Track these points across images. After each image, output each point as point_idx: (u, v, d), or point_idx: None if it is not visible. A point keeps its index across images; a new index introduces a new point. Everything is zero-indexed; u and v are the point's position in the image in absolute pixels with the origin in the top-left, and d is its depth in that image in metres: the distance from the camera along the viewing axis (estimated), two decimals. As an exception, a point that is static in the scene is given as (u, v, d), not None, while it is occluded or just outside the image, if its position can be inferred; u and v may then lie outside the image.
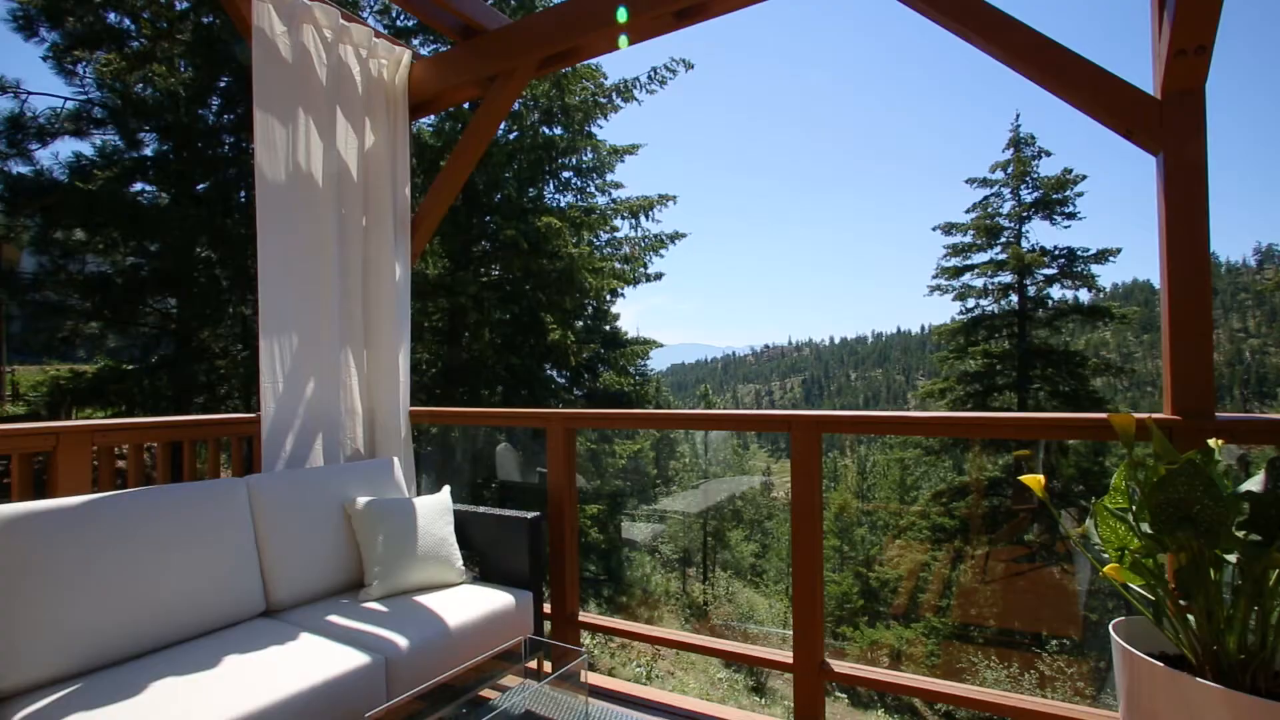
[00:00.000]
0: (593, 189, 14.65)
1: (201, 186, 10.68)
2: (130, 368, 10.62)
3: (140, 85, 10.24)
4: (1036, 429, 3.18)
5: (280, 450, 2.99)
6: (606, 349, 14.78)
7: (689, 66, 13.92)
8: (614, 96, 13.79)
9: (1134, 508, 1.62)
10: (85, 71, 10.02)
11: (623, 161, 14.87)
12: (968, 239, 20.24)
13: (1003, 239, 19.70)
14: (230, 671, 1.97)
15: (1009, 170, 19.82)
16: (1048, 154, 19.75)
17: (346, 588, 2.74)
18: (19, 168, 9.67)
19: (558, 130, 13.72)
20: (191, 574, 2.25)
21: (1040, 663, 13.41)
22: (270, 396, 2.96)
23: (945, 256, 20.62)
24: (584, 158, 14.21)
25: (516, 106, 12.37)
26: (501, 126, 12.13)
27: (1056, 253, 18.92)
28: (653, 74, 13.65)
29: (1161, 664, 1.49)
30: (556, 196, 14.53)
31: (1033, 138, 19.85)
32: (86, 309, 10.34)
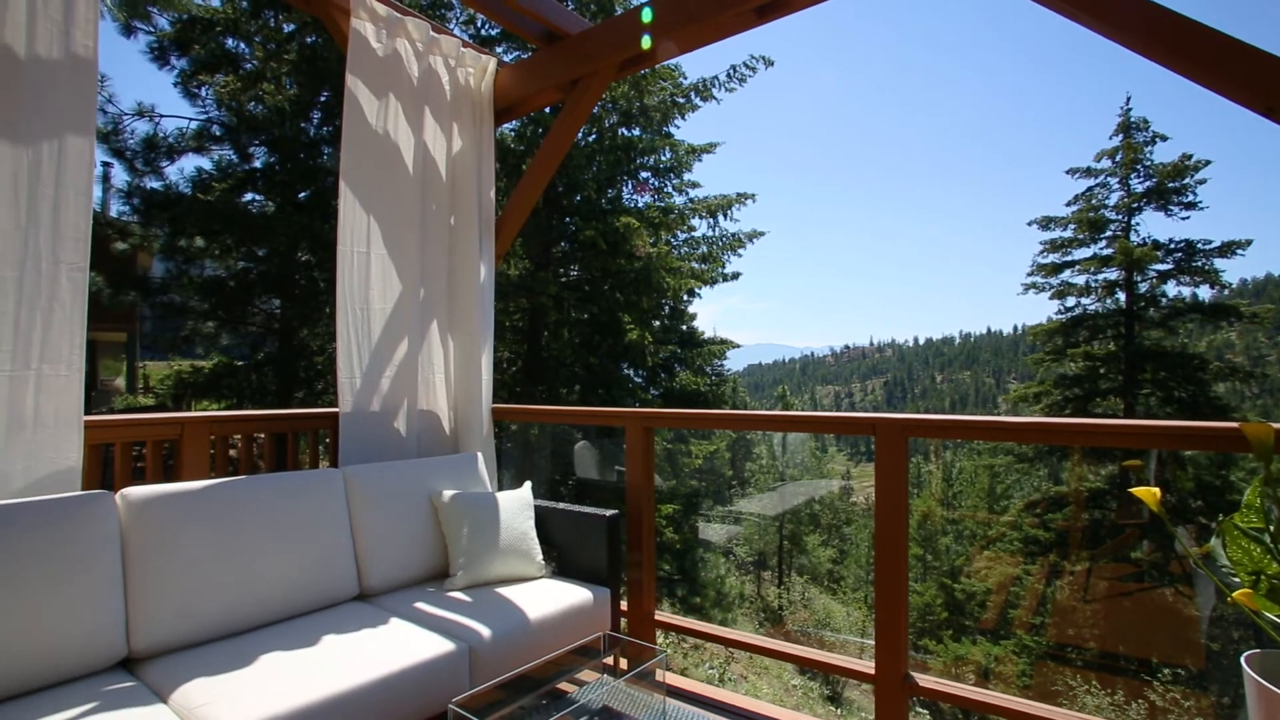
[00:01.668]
0: (670, 189, 14.66)
1: (303, 195, 11.42)
2: (240, 364, 11.50)
3: (252, 103, 11.06)
4: (1152, 438, 2.92)
5: (359, 443, 3.10)
6: (683, 349, 14.76)
7: (769, 63, 13.69)
8: (692, 96, 13.74)
9: (1272, 528, 1.46)
10: (206, 93, 10.93)
11: (700, 161, 14.79)
12: (1068, 233, 18.88)
13: (1108, 232, 18.27)
14: (329, 650, 2.09)
15: (1117, 158, 18.31)
16: (1163, 138, 18.13)
17: (432, 576, 2.85)
18: (152, 183, 10.68)
19: (636, 131, 13.81)
20: (295, 557, 2.41)
21: (1151, 692, 12.35)
22: (348, 391, 3.08)
23: (1042, 252, 19.34)
24: (662, 158, 14.23)
25: (596, 109, 12.55)
26: (581, 129, 12.32)
27: (1172, 246, 17.35)
28: (732, 72, 13.51)
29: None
30: (634, 197, 14.64)
31: (1145, 122, 18.25)
32: (204, 310, 11.28)
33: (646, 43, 3.06)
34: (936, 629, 18.10)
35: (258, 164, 11.42)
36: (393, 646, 2.11)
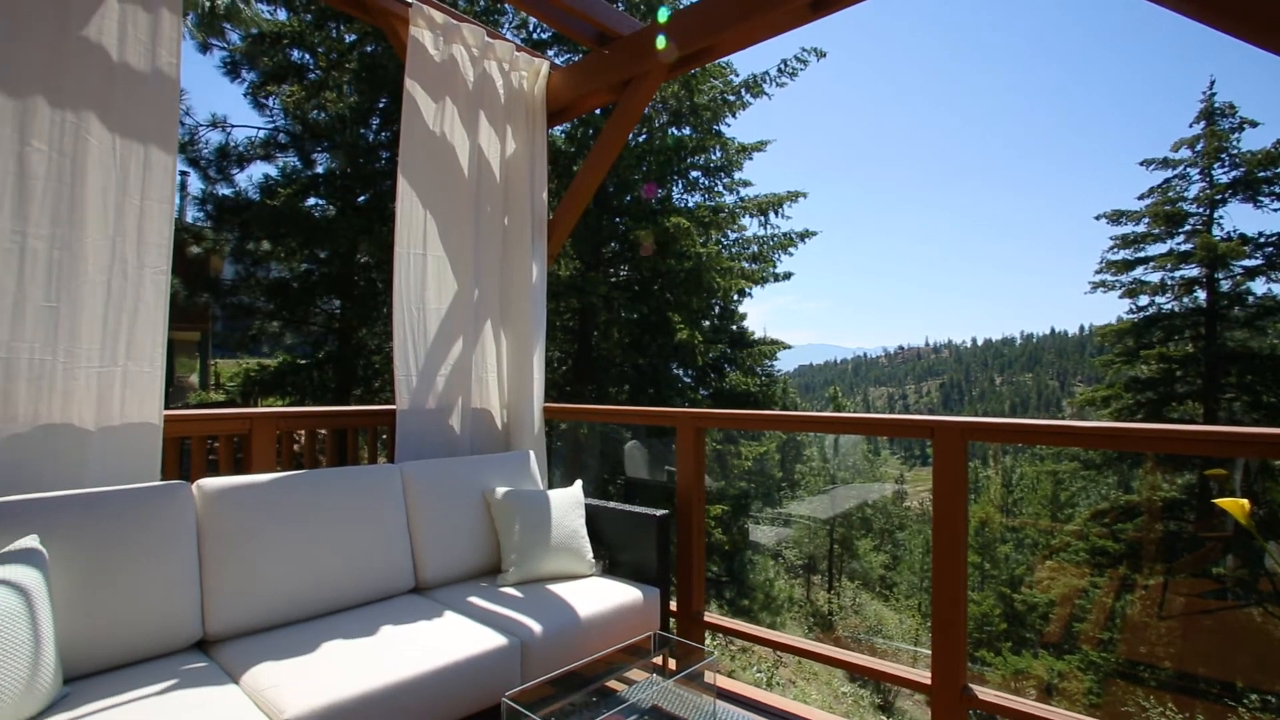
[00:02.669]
0: (721, 188, 14.57)
1: (362, 198, 11.82)
2: (303, 362, 11.99)
3: (315, 111, 11.52)
4: (1239, 445, 2.72)
5: (415, 440, 3.19)
6: (733, 349, 14.65)
7: (821, 55, 13.45)
8: (743, 93, 13.61)
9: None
10: (273, 103, 11.45)
11: (751, 159, 14.65)
12: (1141, 228, 17.86)
13: (1187, 226, 17.20)
14: (387, 640, 2.15)
15: (1198, 147, 17.20)
16: (1252, 124, 16.96)
17: (484, 572, 2.90)
18: (224, 190, 11.26)
19: (686, 130, 13.77)
20: (355, 549, 2.49)
21: (1235, 718, 11.60)
22: (405, 389, 3.16)
23: (1112, 249, 18.36)
24: (712, 157, 14.15)
25: (646, 109, 12.58)
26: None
27: (1263, 240, 16.17)
28: (783, 66, 13.33)
29: None
30: (685, 196, 14.59)
31: (1232, 107, 17.07)
32: (270, 310, 11.83)
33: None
34: (994, 640, 17.44)
35: (320, 170, 11.89)
36: (447, 639, 2.16)
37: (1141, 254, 17.84)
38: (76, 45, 2.16)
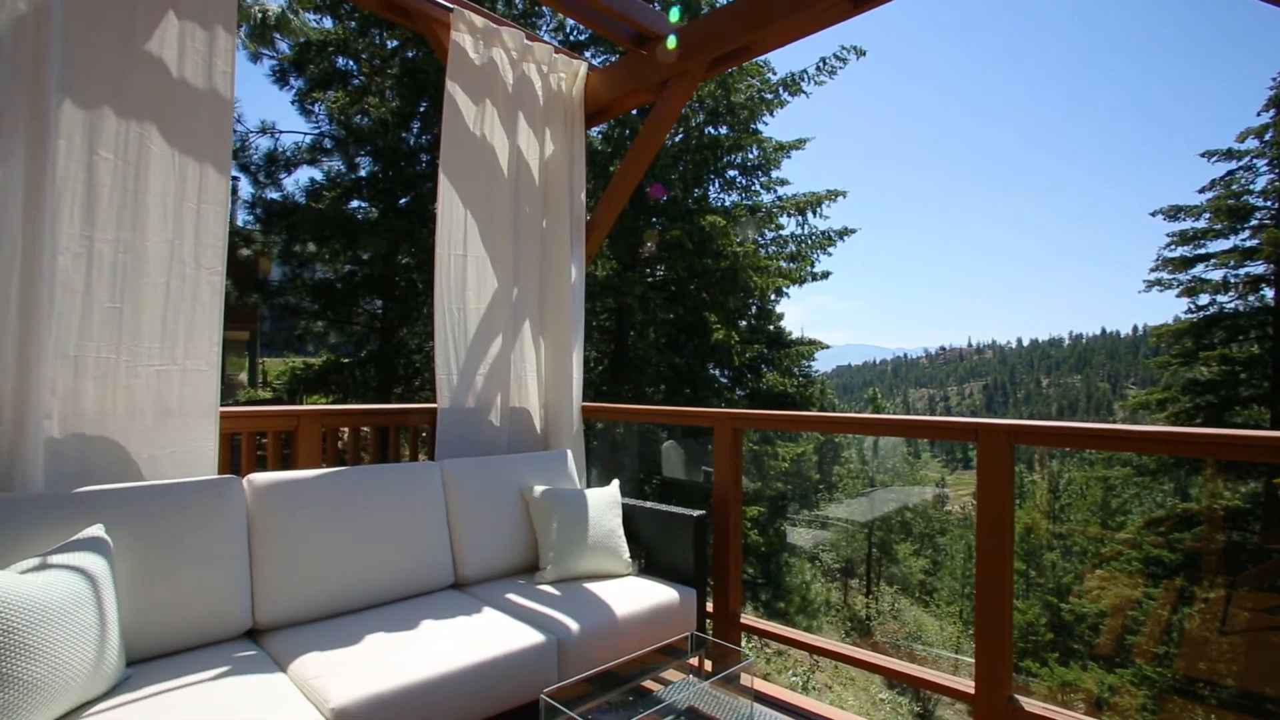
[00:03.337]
0: (758, 187, 14.44)
1: (403, 201, 12.08)
2: (346, 361, 12.31)
3: (359, 116, 11.81)
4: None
5: (456, 437, 3.24)
6: (770, 349, 14.51)
7: (860, 54, 13.23)
8: (781, 91, 13.48)
9: None
10: (319, 109, 11.79)
11: (789, 157, 14.49)
12: (1202, 224, 17.04)
13: (1254, 221, 16.34)
14: (427, 634, 2.19)
15: (1267, 137, 16.31)
16: (1327, 110, 16.04)
17: (522, 569, 2.94)
18: (272, 194, 11.64)
19: (723, 130, 13.69)
20: (397, 544, 2.55)
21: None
22: (445, 388, 3.22)
23: (1169, 245, 17.56)
24: (749, 156, 14.05)
25: (683, 109, 12.56)
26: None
27: (1337, 236, 15.31)
28: (821, 64, 13.15)
29: None
30: (721, 196, 14.52)
31: (1307, 94, 16.19)
32: (315, 310, 12.18)
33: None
34: (1040, 650, 16.90)
35: (363, 173, 12.20)
36: (486, 635, 2.19)
37: (1202, 250, 17.03)
38: (140, 60, 2.26)
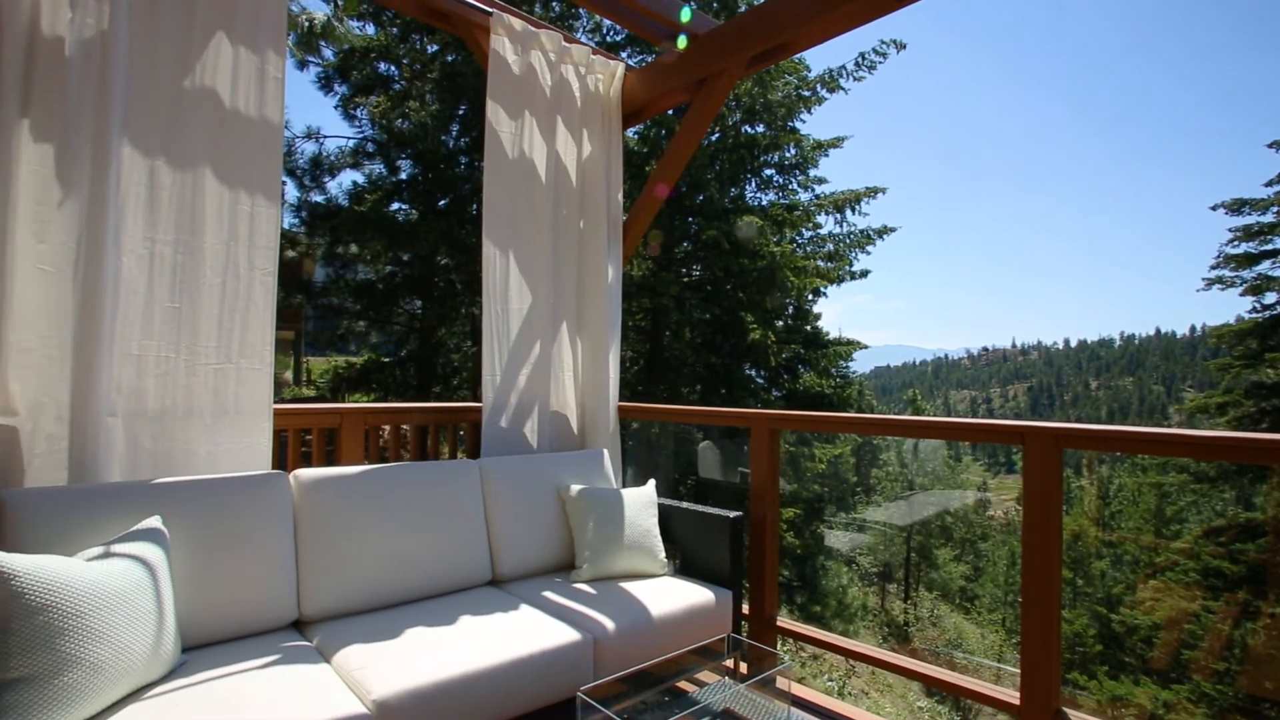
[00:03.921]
0: (795, 185, 14.28)
1: (442, 202, 12.30)
2: (386, 360, 12.59)
3: (400, 120, 12.07)
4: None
5: (496, 436, 3.30)
6: (807, 349, 14.34)
7: (901, 47, 12.97)
8: (818, 88, 13.30)
9: None
10: (362, 114, 12.09)
11: (826, 155, 14.30)
12: (1269, 218, 16.19)
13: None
14: (465, 630, 2.23)
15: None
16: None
17: (558, 567, 2.96)
18: (316, 197, 11.98)
19: (760, 128, 13.57)
20: (437, 540, 2.59)
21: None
22: (490, 388, 3.28)
23: (1232, 241, 16.71)
24: (786, 154, 13.90)
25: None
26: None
27: None
28: (860, 60, 12.94)
29: None
30: (758, 195, 14.40)
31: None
32: (357, 310, 12.49)
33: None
34: (1088, 662, 16.32)
35: (404, 176, 12.46)
36: (523, 632, 2.22)
37: (1269, 246, 16.18)
38: (198, 79, 2.36)
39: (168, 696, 1.66)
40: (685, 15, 3.06)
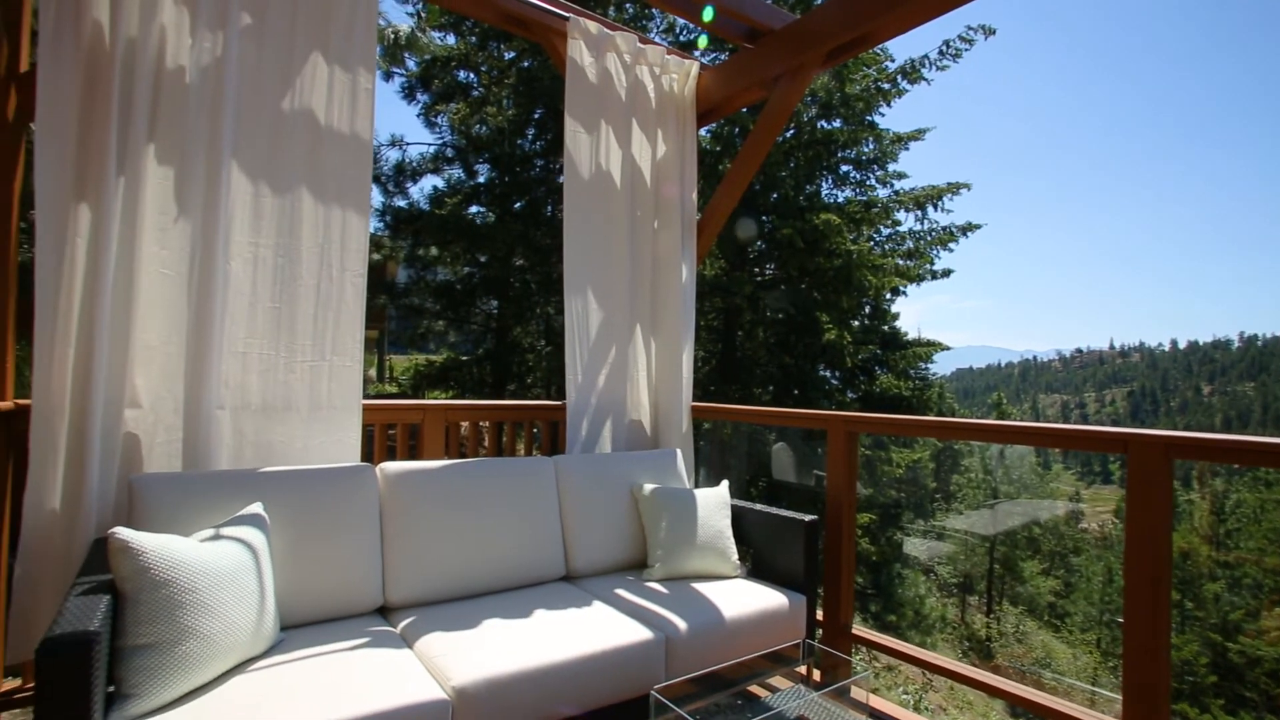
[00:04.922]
0: (873, 181, 13.82)
1: (518, 205, 12.63)
2: (464, 358, 13.04)
3: (478, 125, 12.48)
4: None
5: (579, 435, 3.39)
6: (884, 350, 13.85)
7: (990, 33, 12.30)
8: (899, 80, 12.80)
9: None
10: (442, 121, 12.58)
11: (907, 149, 13.76)
12: None
13: None
14: (540, 623, 2.28)
15: None
16: None
17: (630, 566, 2.98)
18: (399, 202, 12.55)
19: (836, 123, 13.21)
20: (514, 534, 2.66)
21: None
22: (573, 387, 3.38)
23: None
24: (864, 149, 13.46)
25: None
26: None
27: None
28: (945, 48, 12.35)
29: None
30: (834, 192, 14.03)
31: None
32: (436, 310, 13.00)
33: (709, 14, 3.08)
34: (1199, 693, 15.03)
35: (481, 179, 12.87)
36: (596, 628, 2.24)
37: None
38: (298, 90, 2.53)
39: (269, 671, 1.78)
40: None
